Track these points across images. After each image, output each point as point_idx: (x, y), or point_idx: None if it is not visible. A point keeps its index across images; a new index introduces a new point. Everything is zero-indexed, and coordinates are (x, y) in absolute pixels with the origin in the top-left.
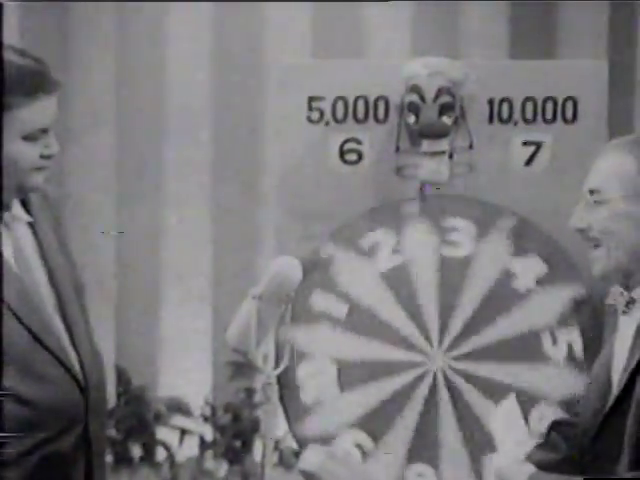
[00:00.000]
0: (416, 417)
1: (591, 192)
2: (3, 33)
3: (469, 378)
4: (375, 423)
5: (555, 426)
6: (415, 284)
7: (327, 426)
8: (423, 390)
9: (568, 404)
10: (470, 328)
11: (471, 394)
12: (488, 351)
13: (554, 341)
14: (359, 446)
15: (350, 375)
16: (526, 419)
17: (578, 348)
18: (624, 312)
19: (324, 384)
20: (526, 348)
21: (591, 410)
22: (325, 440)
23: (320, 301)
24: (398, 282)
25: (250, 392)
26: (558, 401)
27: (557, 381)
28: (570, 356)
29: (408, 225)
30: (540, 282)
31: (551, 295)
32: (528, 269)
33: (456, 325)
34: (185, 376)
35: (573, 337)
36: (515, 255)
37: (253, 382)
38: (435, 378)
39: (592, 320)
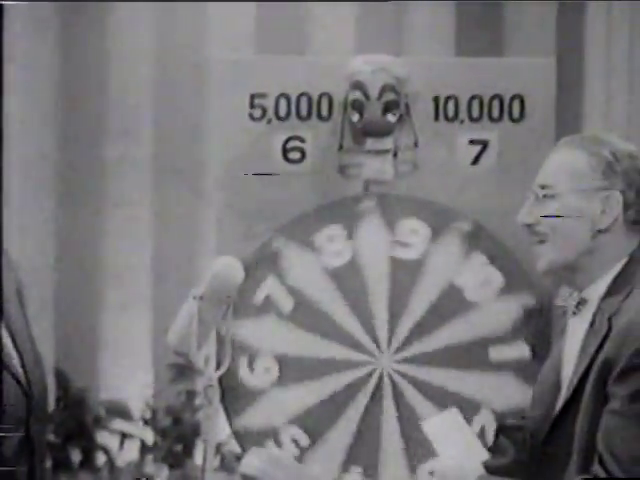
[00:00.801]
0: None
1: (542, 187)
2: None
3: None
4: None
5: (503, 430)
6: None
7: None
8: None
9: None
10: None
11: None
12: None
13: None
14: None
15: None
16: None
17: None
18: (574, 313)
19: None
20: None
21: (540, 413)
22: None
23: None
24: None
25: (191, 395)
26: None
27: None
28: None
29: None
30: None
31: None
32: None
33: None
34: (125, 379)
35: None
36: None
37: (194, 384)
38: (380, 380)
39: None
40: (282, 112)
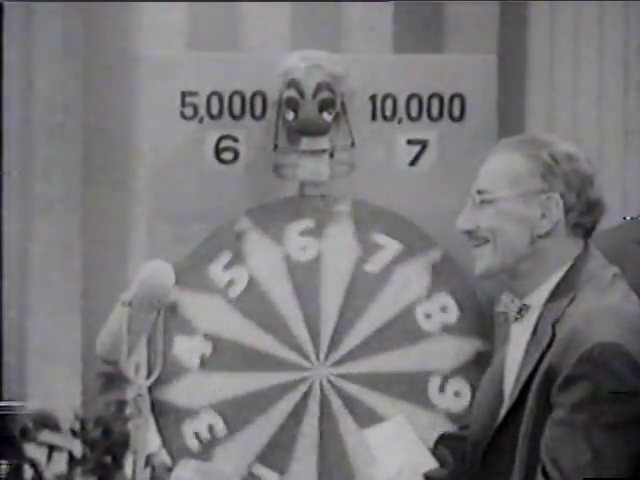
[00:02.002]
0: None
1: (479, 192)
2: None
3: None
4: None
5: (442, 440)
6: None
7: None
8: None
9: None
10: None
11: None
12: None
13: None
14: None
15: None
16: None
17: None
18: (516, 319)
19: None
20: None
21: (482, 423)
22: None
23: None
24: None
25: (121, 405)
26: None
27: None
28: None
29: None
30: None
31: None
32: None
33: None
34: (53, 389)
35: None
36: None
37: (124, 394)
38: (310, 388)
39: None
40: (214, 111)
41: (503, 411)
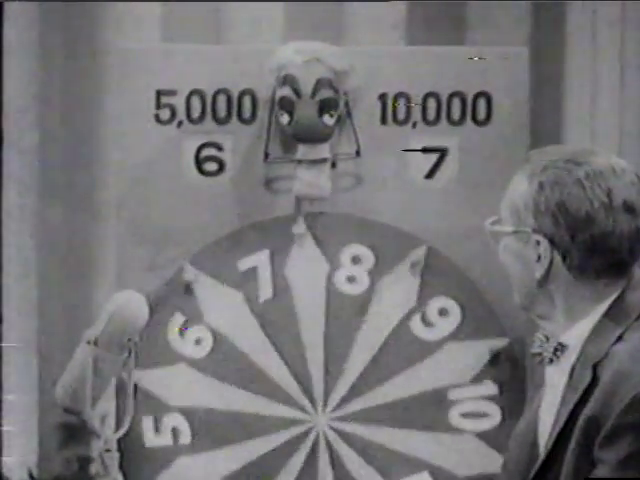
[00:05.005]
0: None
1: (491, 223)
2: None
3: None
4: None
5: None
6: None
7: None
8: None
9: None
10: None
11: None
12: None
13: (463, 406)
14: None
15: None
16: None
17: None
18: (551, 361)
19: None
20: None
21: (515, 478)
22: None
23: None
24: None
25: (85, 462)
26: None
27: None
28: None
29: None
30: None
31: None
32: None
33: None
34: (5, 443)
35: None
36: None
37: (88, 449)
38: (316, 441)
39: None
40: (195, 113)
41: (537, 466)
